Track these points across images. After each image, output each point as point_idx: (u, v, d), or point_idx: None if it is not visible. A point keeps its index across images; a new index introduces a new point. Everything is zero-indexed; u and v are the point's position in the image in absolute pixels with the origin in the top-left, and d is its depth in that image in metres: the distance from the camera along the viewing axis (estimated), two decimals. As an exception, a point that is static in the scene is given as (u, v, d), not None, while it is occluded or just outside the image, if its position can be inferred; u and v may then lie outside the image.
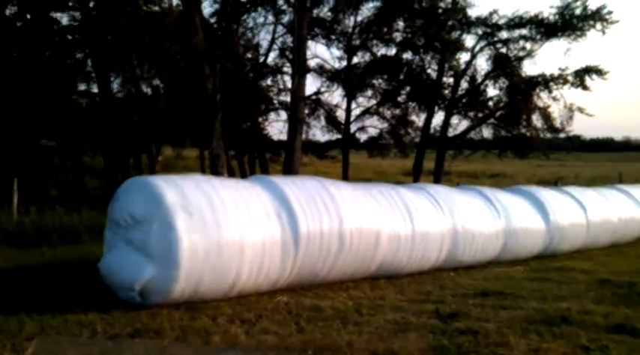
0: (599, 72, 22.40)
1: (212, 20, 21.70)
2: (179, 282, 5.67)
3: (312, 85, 36.59)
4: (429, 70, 24.57)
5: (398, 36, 24.41)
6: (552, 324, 5.68)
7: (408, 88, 25.04)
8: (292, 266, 6.60)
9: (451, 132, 24.31)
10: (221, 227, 5.97)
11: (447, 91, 24.46)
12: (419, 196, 8.52)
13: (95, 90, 19.72)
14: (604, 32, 22.35)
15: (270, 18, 22.50)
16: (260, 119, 22.89)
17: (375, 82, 25.15)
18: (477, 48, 23.76)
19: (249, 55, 23.64)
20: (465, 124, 24.62)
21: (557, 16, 22.33)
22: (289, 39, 22.66)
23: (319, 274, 7.01)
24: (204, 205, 6.01)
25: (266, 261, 6.33)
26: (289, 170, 18.45)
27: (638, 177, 23.31)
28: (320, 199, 7.08)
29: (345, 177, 22.92)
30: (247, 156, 22.39)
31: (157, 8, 18.03)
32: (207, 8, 20.96)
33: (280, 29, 22.67)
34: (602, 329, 5.57)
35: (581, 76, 22.38)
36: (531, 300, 6.80)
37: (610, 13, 22.24)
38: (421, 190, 8.89)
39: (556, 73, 22.79)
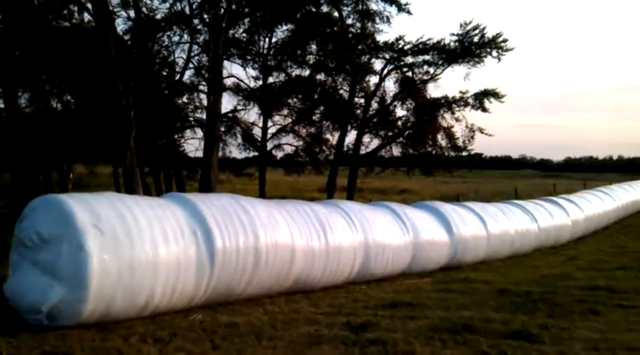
0: (496, 95, 24.05)
1: (126, 37, 21.37)
2: (89, 304, 5.54)
3: (228, 103, 36.66)
4: (341, 91, 25.41)
5: (311, 58, 25.08)
6: (455, 332, 6.01)
7: (322, 108, 25.70)
8: (208, 284, 6.61)
9: (363, 150, 25.15)
10: (134, 246, 5.91)
11: (358, 111, 25.35)
12: (332, 212, 8.79)
13: (1, 105, 18.79)
14: (499, 59, 24.03)
15: (186, 37, 22.45)
16: (176, 136, 22.65)
17: (290, 101, 25.63)
18: (385, 71, 24.85)
19: (164, 73, 23.38)
20: (375, 143, 25.60)
21: (457, 44, 23.80)
22: (205, 58, 22.66)
23: (236, 290, 7.06)
24: (117, 224, 5.92)
25: (181, 279, 6.31)
26: (205, 187, 18.33)
27: (532, 193, 25.06)
28: (236, 216, 7.15)
29: (262, 194, 23.03)
30: (163, 173, 22.00)
31: (67, 24, 17.50)
32: (120, 25, 20.68)
33: (196, 48, 22.63)
34: (501, 336, 5.92)
35: (480, 99, 23.94)
36: (437, 310, 7.18)
37: (505, 41, 23.99)
38: (334, 206, 9.17)
39: (458, 95, 24.25)
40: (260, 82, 24.77)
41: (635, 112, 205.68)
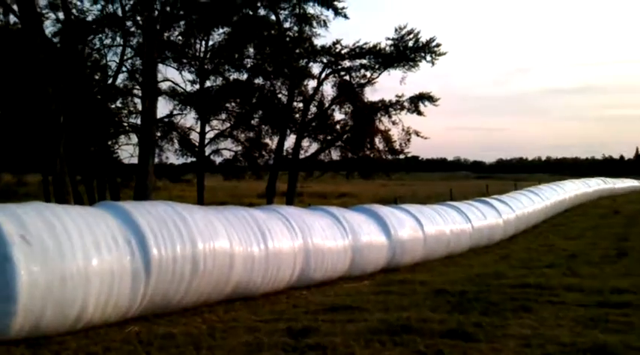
0: (430, 99, 24.71)
1: (56, 40, 20.58)
2: (17, 318, 5.28)
3: (164, 107, 35.77)
4: (280, 95, 25.38)
5: (249, 62, 24.97)
6: (394, 333, 6.10)
7: (260, 112, 25.61)
8: (144, 294, 6.44)
9: (302, 155, 25.22)
10: (65, 257, 5.68)
11: (297, 115, 25.41)
12: (271, 217, 8.76)
13: None
14: (433, 63, 24.71)
15: (118, 39, 21.87)
16: (109, 142, 22.00)
17: (228, 105, 25.39)
18: (323, 75, 25.06)
19: (96, 77, 22.69)
20: (315, 147, 25.75)
21: (392, 48, 24.31)
22: (139, 61, 22.14)
23: (173, 300, 6.91)
24: (46, 234, 5.68)
25: (115, 290, 6.11)
26: (141, 195, 17.88)
27: (466, 194, 25.82)
28: (172, 223, 7.01)
29: (200, 200, 22.69)
30: (96, 181, 21.30)
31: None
32: (49, 27, 19.87)
33: (129, 51, 22.09)
34: (437, 335, 6.03)
35: (415, 103, 24.53)
36: (376, 312, 7.27)
37: (438, 45, 24.71)
38: (274, 211, 9.14)
39: (394, 99, 24.76)
40: (197, 86, 24.42)
41: (563, 114, 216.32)
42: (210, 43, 24.58)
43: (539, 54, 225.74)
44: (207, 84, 24.67)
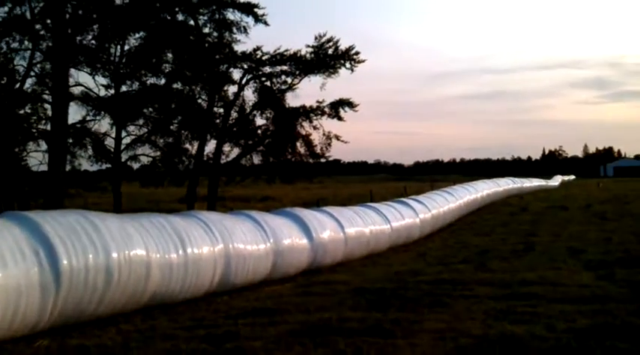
0: (350, 104, 25.22)
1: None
2: None
3: (76, 113, 34.21)
4: (199, 100, 25.01)
5: (167, 66, 24.45)
6: (315, 334, 6.14)
7: (179, 117, 25.09)
8: (54, 307, 6.16)
9: (224, 160, 24.96)
10: (-35, 271, 5.34)
11: (218, 120, 25.13)
12: (191, 223, 8.61)
13: None
14: (352, 70, 25.22)
15: (27, 43, 20.79)
16: (17, 149, 20.80)
17: (145, 110, 24.69)
18: (244, 80, 24.96)
19: (3, 81, 21.41)
20: (236, 152, 25.55)
21: (312, 55, 24.61)
22: (49, 65, 21.13)
23: (87, 311, 6.64)
24: (-57, 248, 5.32)
25: (22, 304, 5.81)
26: (53, 203, 17.04)
27: (385, 195, 26.51)
28: (84, 233, 6.74)
29: (117, 208, 21.89)
30: (2, 190, 20.05)
31: None
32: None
33: (38, 55, 21.03)
34: (357, 334, 6.15)
35: (336, 108, 24.94)
36: (297, 314, 7.32)
37: (357, 53, 25.24)
38: (193, 217, 8.99)
39: (315, 105, 25.06)
40: (112, 91, 23.59)
41: (476, 119, 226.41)
42: (127, 47, 23.85)
43: (453, 61, 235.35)
44: (123, 89, 23.89)
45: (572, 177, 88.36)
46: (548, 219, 20.53)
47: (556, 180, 65.09)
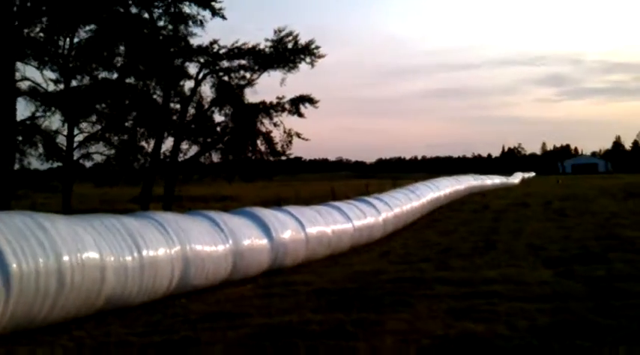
0: (311, 100, 25.04)
1: None
2: None
3: (25, 109, 32.92)
4: (155, 96, 24.39)
5: (120, 60, 23.73)
6: (275, 337, 6.02)
7: (134, 113, 24.42)
8: (3, 313, 5.83)
9: (181, 158, 24.44)
10: None
11: (174, 117, 24.57)
12: (146, 224, 8.30)
13: None
14: (313, 65, 25.05)
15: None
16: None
17: (98, 106, 23.91)
18: (201, 75, 24.47)
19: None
20: (194, 149, 25.05)
21: (272, 49, 24.31)
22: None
23: (38, 317, 6.32)
24: None
25: (-35, 312, 5.44)
26: (-1, 204, 16.31)
27: (348, 193, 26.48)
28: (32, 235, 6.41)
29: (67, 208, 21.13)
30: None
31: None
32: None
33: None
34: (318, 336, 6.05)
35: (296, 104, 24.72)
36: (258, 317, 7.14)
37: (317, 48, 25.08)
38: (148, 218, 8.67)
39: (275, 101, 24.78)
40: (61, 86, 22.74)
41: (437, 116, 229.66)
42: (76, 40, 23.02)
43: (413, 58, 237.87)
44: (74, 84, 23.06)
45: (532, 174, 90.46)
46: (509, 217, 20.85)
47: (516, 177, 66.39)
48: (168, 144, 24.66)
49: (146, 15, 23.67)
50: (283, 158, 27.04)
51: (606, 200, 28.50)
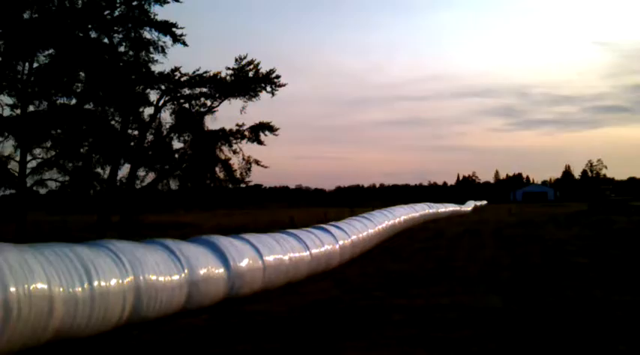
0: (270, 128, 25.18)
1: None
2: None
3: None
4: (113, 122, 24.13)
5: (79, 86, 23.43)
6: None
7: (90, 139, 24.04)
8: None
9: (138, 185, 24.10)
10: None
11: (132, 143, 24.30)
12: (99, 253, 8.14)
13: None
14: (273, 93, 25.29)
15: None
16: None
17: (53, 132, 23.46)
18: (161, 102, 24.37)
19: None
20: (152, 176, 24.75)
21: (233, 77, 24.47)
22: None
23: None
24: None
25: None
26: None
27: (306, 221, 26.50)
28: (-23, 266, 6.21)
29: (21, 237, 20.47)
30: None
31: None
32: None
33: None
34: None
35: (256, 132, 24.83)
36: (212, 348, 7.07)
37: (278, 77, 25.35)
38: (102, 247, 8.50)
39: (235, 128, 24.84)
40: (18, 111, 22.26)
41: (394, 145, 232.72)
42: (35, 64, 22.65)
43: (369, 89, 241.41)
44: (31, 108, 22.59)
45: (485, 202, 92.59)
46: (462, 244, 21.26)
47: (469, 206, 67.95)
48: (124, 170, 24.33)
49: (106, 40, 23.55)
50: (242, 185, 26.97)
51: (554, 227, 29.50)
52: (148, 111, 24.86)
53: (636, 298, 9.73)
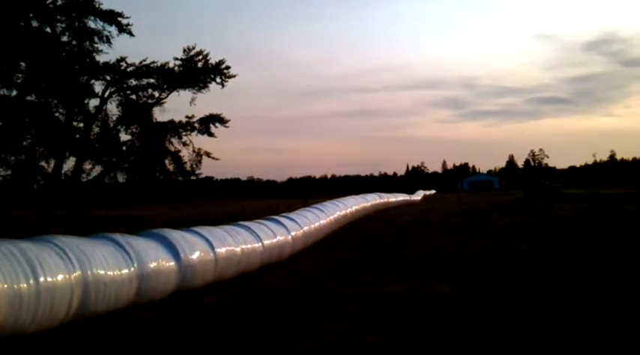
0: (221, 120, 24.94)
1: None
2: None
3: None
4: (57, 114, 23.38)
5: (20, 77, 22.59)
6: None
7: (33, 132, 23.24)
8: None
9: (84, 178, 23.48)
10: None
11: (77, 136, 23.63)
12: (44, 249, 7.93)
13: None
14: (223, 85, 25.02)
15: None
16: None
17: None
18: (107, 93, 23.76)
19: None
20: (98, 169, 24.15)
21: (181, 68, 24.06)
22: None
23: None
24: None
25: None
26: None
27: (258, 213, 26.43)
28: None
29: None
30: None
31: None
32: None
33: None
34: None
35: (206, 124, 24.54)
36: (160, 341, 7.02)
37: (228, 68, 25.10)
38: (47, 242, 8.29)
39: (184, 120, 24.47)
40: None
41: (345, 136, 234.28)
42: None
43: (319, 81, 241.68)
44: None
45: (433, 191, 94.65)
46: (411, 233, 21.69)
47: (418, 195, 69.29)
48: (69, 164, 23.63)
49: (48, 29, 22.73)
50: (193, 178, 26.64)
51: (499, 215, 30.47)
52: (94, 102, 24.24)
53: (576, 282, 10.19)
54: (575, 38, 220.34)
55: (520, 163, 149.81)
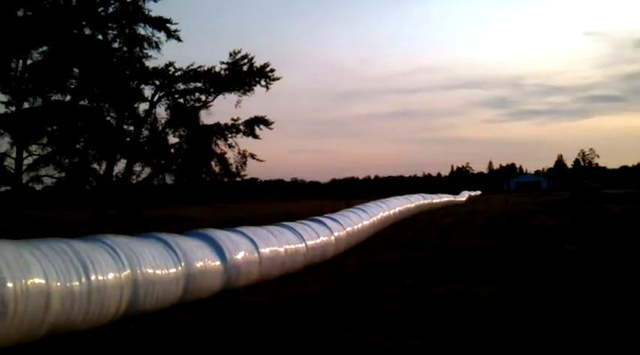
0: (266, 122, 25.22)
1: None
2: None
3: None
4: (108, 118, 24.16)
5: (73, 82, 23.47)
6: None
7: (86, 135, 24.10)
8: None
9: (134, 180, 24.17)
10: None
11: (128, 139, 24.34)
12: (95, 248, 8.20)
13: None
14: (268, 87, 25.31)
15: None
16: None
17: (49, 128, 23.50)
18: (156, 97, 24.40)
19: None
20: (148, 171, 24.81)
21: (227, 72, 24.47)
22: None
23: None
24: None
25: None
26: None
27: (302, 214, 26.56)
28: (-25, 262, 6.27)
29: (18, 233, 20.49)
30: None
31: None
32: None
33: None
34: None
35: (251, 126, 24.87)
36: (209, 341, 7.16)
37: (272, 71, 25.38)
38: (98, 241, 8.57)
39: (230, 122, 24.88)
40: (13, 108, 22.28)
41: (389, 137, 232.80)
42: (29, 61, 22.63)
43: (361, 82, 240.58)
44: (25, 105, 22.59)
45: (479, 192, 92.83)
46: (455, 234, 21.39)
47: (463, 196, 68.12)
48: (120, 166, 24.37)
49: (100, 36, 23.53)
50: (238, 179, 27.02)
51: (546, 216, 29.70)
52: (143, 106, 24.94)
53: (629, 286, 9.85)
54: (627, 34, 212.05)
55: (569, 163, 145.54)
